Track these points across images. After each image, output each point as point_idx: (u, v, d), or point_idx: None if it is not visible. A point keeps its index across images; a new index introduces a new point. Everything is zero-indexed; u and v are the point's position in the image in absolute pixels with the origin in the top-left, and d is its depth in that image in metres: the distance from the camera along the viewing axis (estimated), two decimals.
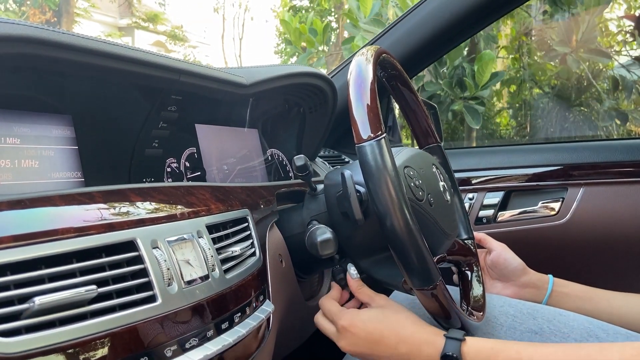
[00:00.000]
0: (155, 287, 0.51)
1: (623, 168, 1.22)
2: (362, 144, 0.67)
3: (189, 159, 0.90)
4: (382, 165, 0.65)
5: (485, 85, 1.97)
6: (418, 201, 0.73)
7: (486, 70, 1.93)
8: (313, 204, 0.84)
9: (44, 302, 0.42)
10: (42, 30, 0.56)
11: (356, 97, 0.68)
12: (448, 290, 0.70)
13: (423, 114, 0.95)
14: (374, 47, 0.75)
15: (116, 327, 0.47)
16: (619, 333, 0.86)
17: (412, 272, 0.67)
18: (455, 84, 2.06)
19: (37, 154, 0.68)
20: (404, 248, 0.65)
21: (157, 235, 0.54)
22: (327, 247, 0.75)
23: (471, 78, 1.99)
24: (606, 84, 2.95)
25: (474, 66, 1.99)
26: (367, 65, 0.71)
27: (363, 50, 0.75)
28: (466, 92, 2.03)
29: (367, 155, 0.66)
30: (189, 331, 0.53)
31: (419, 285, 0.68)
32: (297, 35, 2.32)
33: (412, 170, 0.76)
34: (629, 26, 3.01)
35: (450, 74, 2.06)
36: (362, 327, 0.75)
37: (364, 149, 0.66)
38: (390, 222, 0.64)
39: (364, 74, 0.69)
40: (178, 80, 0.73)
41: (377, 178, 0.65)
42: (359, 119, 0.67)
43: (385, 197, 0.64)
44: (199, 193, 0.66)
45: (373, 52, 0.73)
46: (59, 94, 0.70)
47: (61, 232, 0.47)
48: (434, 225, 0.76)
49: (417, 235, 0.65)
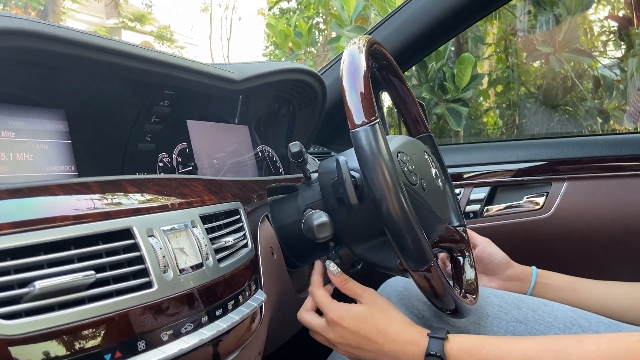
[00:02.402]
0: (151, 274, 0.52)
1: (605, 163, 1.25)
2: (357, 129, 0.67)
3: (180, 154, 0.91)
4: (377, 150, 0.66)
5: (466, 88, 2.00)
6: (412, 185, 0.74)
7: (466, 73, 1.96)
8: (308, 192, 0.85)
9: (43, 287, 0.44)
10: (38, 24, 0.58)
11: (349, 84, 0.69)
12: (442, 271, 0.72)
13: (413, 104, 0.97)
14: (366, 37, 0.77)
15: (113, 311, 0.48)
16: (601, 322, 0.88)
17: (407, 253, 0.69)
18: (437, 87, 2.09)
19: (32, 148, 0.69)
20: (399, 230, 0.67)
21: (153, 224, 0.55)
22: (324, 231, 0.76)
23: (451, 81, 2.02)
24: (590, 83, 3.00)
25: (454, 69, 2.02)
26: (360, 54, 0.72)
27: (355, 40, 0.76)
28: (448, 95, 2.05)
29: (361, 140, 0.67)
30: (184, 317, 0.54)
31: (414, 267, 0.70)
32: (282, 37, 2.33)
33: (405, 156, 0.78)
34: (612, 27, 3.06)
35: (432, 78, 2.08)
36: (351, 323, 0.77)
37: (358, 134, 0.67)
38: (386, 205, 0.66)
39: (356, 62, 0.71)
40: (171, 75, 0.75)
41: (371, 162, 0.66)
42: (352, 105, 0.68)
43: (380, 181, 0.66)
44: (192, 185, 0.68)
45: (365, 42, 0.74)
46: (53, 89, 0.71)
47: (59, 220, 0.48)
48: (427, 210, 0.77)
49: (412, 218, 0.67)
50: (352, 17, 2.04)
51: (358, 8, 2.05)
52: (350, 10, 2.02)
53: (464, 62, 1.98)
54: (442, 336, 0.73)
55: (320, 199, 0.82)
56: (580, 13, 2.28)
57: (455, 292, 0.75)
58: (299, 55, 2.38)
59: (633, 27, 2.70)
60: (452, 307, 0.76)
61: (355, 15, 2.04)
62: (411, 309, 0.92)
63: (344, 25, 2.06)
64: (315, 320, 0.81)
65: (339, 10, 2.07)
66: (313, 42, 2.43)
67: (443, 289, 0.73)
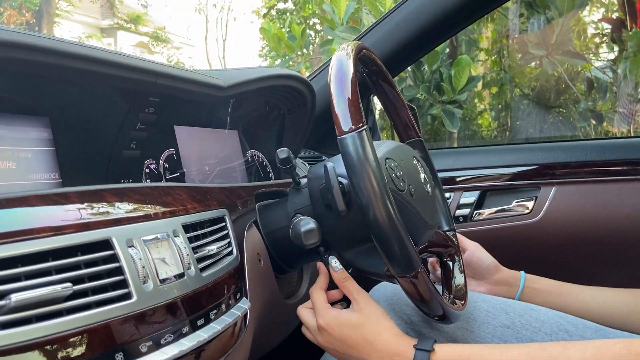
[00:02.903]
0: (130, 285, 0.52)
1: (594, 167, 1.26)
2: (344, 136, 0.68)
3: (168, 160, 0.91)
4: (364, 157, 0.66)
5: (462, 90, 2.02)
6: (399, 192, 0.75)
7: (463, 75, 1.98)
8: (297, 198, 0.85)
9: (20, 299, 0.43)
10: (18, 34, 0.57)
11: (337, 90, 0.69)
12: (429, 278, 0.72)
13: (404, 108, 0.97)
14: (355, 43, 0.77)
15: (92, 323, 0.48)
16: (587, 327, 0.89)
17: (394, 260, 0.69)
18: (434, 88, 2.10)
19: (15, 156, 0.68)
20: (385, 237, 0.67)
21: (133, 234, 0.55)
22: (311, 237, 0.76)
23: (448, 82, 2.03)
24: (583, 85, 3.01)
25: (451, 71, 2.03)
26: (348, 60, 0.72)
27: (343, 45, 0.76)
28: (444, 96, 2.06)
29: (348, 146, 0.67)
30: (164, 327, 0.54)
31: (401, 273, 0.70)
32: (276, 41, 2.33)
33: (393, 162, 0.78)
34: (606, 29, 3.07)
35: (428, 79, 2.09)
36: (338, 331, 0.78)
37: (345, 141, 0.68)
38: (373, 211, 0.66)
39: (344, 68, 0.71)
40: (155, 83, 0.74)
41: (358, 169, 0.66)
42: (340, 112, 0.68)
43: (367, 187, 0.66)
44: (176, 193, 0.68)
45: (353, 48, 0.75)
46: (37, 96, 0.71)
47: (37, 232, 0.48)
48: (415, 216, 0.78)
49: (398, 224, 0.67)
50: (344, 20, 2.04)
51: (349, 10, 2.06)
52: (342, 13, 2.02)
53: (461, 64, 1.99)
54: (428, 348, 0.73)
55: (310, 205, 0.82)
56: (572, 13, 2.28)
57: (442, 298, 0.76)
58: (293, 58, 2.38)
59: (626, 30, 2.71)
60: (440, 313, 0.76)
61: (346, 17, 2.04)
62: (400, 314, 0.92)
63: (335, 27, 2.06)
64: (310, 319, 0.82)
65: (330, 13, 2.07)
66: (307, 44, 2.43)
67: (430, 295, 0.73)
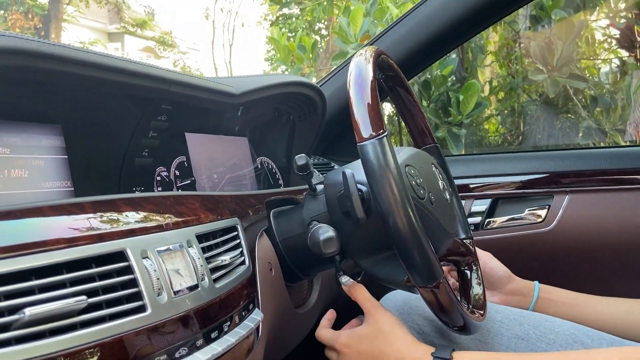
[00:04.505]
0: (145, 297, 0.51)
1: (608, 176, 1.24)
2: (364, 143, 0.67)
3: (179, 168, 0.90)
4: (385, 164, 0.65)
5: (469, 115, 2.03)
6: (420, 199, 0.74)
7: (471, 101, 1.99)
8: (313, 205, 0.84)
9: (34, 313, 0.43)
10: (34, 42, 0.57)
11: (357, 96, 0.69)
12: (451, 288, 0.71)
13: (420, 115, 0.96)
14: (373, 48, 0.76)
15: (106, 337, 0.47)
16: (603, 339, 0.88)
17: (415, 269, 0.68)
18: (440, 110, 2.11)
19: (27, 164, 0.68)
20: (407, 246, 0.66)
21: (147, 246, 0.54)
22: (330, 246, 0.75)
23: (456, 107, 2.04)
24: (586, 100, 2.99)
25: (459, 95, 2.03)
26: (367, 65, 0.71)
27: (362, 51, 0.75)
28: (450, 118, 2.07)
29: (369, 153, 0.66)
30: (178, 340, 0.53)
31: (423, 283, 0.69)
32: (285, 52, 2.33)
33: (413, 169, 0.77)
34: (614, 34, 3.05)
35: (434, 99, 2.09)
36: (356, 347, 0.79)
37: (365, 148, 0.67)
38: (394, 220, 0.65)
39: (364, 74, 0.70)
40: (168, 90, 0.74)
41: (379, 176, 0.65)
42: (360, 118, 0.67)
43: (388, 195, 0.65)
44: (189, 202, 0.67)
45: (372, 53, 0.74)
46: (50, 104, 0.71)
47: (51, 243, 0.47)
48: (435, 224, 0.77)
49: (421, 233, 0.66)
50: (358, 35, 2.04)
51: (364, 26, 2.05)
52: (357, 29, 2.02)
53: (470, 90, 2.00)
54: (447, 356, 0.72)
55: (326, 212, 0.82)
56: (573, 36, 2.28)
57: (463, 309, 0.75)
58: (301, 69, 2.37)
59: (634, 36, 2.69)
60: (461, 323, 0.75)
61: (361, 33, 2.04)
62: (411, 324, 0.91)
63: (349, 42, 2.06)
64: (332, 338, 0.84)
65: (344, 27, 2.07)
66: (316, 56, 2.43)
67: (452, 305, 0.72)
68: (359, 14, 2.04)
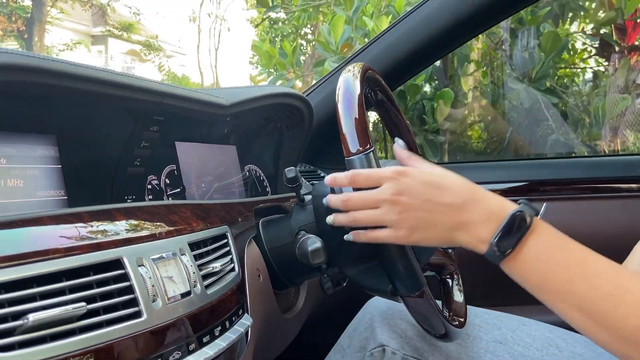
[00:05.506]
0: (140, 303, 0.54)
1: (583, 185, 1.29)
2: (352, 157, 0.71)
3: (169, 176, 0.92)
4: None
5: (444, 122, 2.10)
6: None
7: (445, 108, 2.04)
8: (301, 215, 0.87)
9: (37, 319, 0.45)
10: (31, 58, 0.59)
11: (345, 112, 0.72)
12: (432, 297, 0.74)
13: (405, 129, 1.00)
14: (360, 64, 0.79)
15: (104, 342, 0.50)
16: (577, 342, 0.91)
17: (399, 279, 0.71)
18: (417, 119, 2.16)
19: (23, 174, 0.70)
20: (391, 256, 0.69)
21: (142, 254, 0.57)
22: (318, 257, 0.78)
23: (430, 114, 2.09)
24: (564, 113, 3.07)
25: (434, 103, 2.09)
26: (355, 81, 0.74)
27: (349, 67, 0.78)
28: (426, 126, 2.13)
29: (356, 168, 0.70)
30: (172, 345, 0.56)
31: (406, 292, 0.72)
32: (267, 58, 2.37)
33: None
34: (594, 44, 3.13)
35: (412, 108, 2.14)
36: (417, 172, 0.69)
37: (353, 162, 0.71)
38: None
39: (351, 90, 0.73)
40: (161, 102, 0.76)
41: None
42: (348, 133, 0.71)
43: None
44: (181, 212, 0.69)
45: (360, 69, 0.77)
46: (44, 115, 0.72)
47: (52, 252, 0.49)
48: None
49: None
50: (339, 43, 2.08)
51: (345, 34, 2.10)
52: (337, 37, 2.06)
53: (443, 97, 2.05)
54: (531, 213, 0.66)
55: (314, 222, 0.84)
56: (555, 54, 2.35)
57: (444, 317, 0.78)
58: (283, 75, 2.41)
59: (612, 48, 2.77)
60: (442, 331, 0.78)
61: (342, 41, 2.08)
62: (394, 328, 0.94)
63: (330, 50, 2.10)
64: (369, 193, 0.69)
65: (325, 35, 2.11)
66: (298, 60, 2.46)
67: (434, 314, 0.75)
68: (340, 23, 2.08)
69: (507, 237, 0.64)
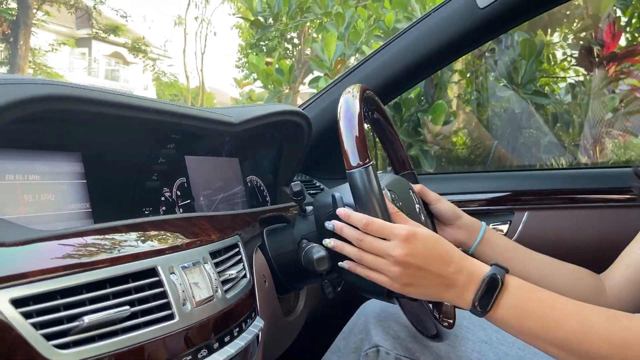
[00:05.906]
0: (173, 307, 0.61)
1: (562, 195, 1.38)
2: (352, 171, 0.78)
3: (180, 188, 0.99)
4: (370, 189, 0.77)
5: (439, 133, 2.18)
6: None
7: (439, 120, 2.13)
8: (303, 224, 0.94)
9: (92, 321, 0.52)
10: (69, 88, 0.66)
11: (346, 129, 0.80)
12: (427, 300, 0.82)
13: (399, 145, 1.08)
14: (358, 86, 0.87)
15: (143, 341, 0.57)
16: None
17: None
18: (412, 130, 2.25)
19: (53, 189, 0.76)
20: None
21: (173, 262, 0.64)
22: (323, 264, 0.85)
23: (425, 127, 2.19)
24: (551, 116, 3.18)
25: (428, 115, 2.18)
26: (354, 101, 0.82)
27: (349, 89, 0.86)
28: (421, 137, 2.22)
29: (357, 180, 0.78)
30: (200, 344, 0.63)
31: (401, 295, 0.80)
32: (264, 75, 2.44)
33: (394, 194, 0.89)
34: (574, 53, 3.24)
35: (407, 120, 2.22)
36: (424, 239, 0.76)
37: (354, 175, 0.78)
38: None
39: (352, 109, 0.81)
40: (180, 123, 0.83)
41: (365, 200, 0.77)
42: (349, 148, 0.79)
43: (373, 216, 0.76)
44: (201, 224, 0.76)
45: (359, 90, 0.85)
46: (71, 135, 0.79)
47: (99, 263, 0.56)
48: None
49: None
50: (332, 60, 2.16)
51: (338, 51, 2.18)
52: (331, 54, 2.14)
53: (437, 110, 2.13)
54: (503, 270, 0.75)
55: (316, 231, 0.91)
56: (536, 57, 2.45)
57: (436, 318, 0.86)
58: (280, 92, 2.48)
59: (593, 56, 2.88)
60: (434, 332, 0.86)
61: (335, 58, 2.17)
62: (388, 330, 1.00)
63: (323, 67, 2.18)
64: (381, 244, 0.77)
65: (318, 53, 2.19)
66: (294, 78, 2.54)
67: (426, 315, 0.83)
68: (332, 40, 2.17)
69: (485, 297, 0.75)
